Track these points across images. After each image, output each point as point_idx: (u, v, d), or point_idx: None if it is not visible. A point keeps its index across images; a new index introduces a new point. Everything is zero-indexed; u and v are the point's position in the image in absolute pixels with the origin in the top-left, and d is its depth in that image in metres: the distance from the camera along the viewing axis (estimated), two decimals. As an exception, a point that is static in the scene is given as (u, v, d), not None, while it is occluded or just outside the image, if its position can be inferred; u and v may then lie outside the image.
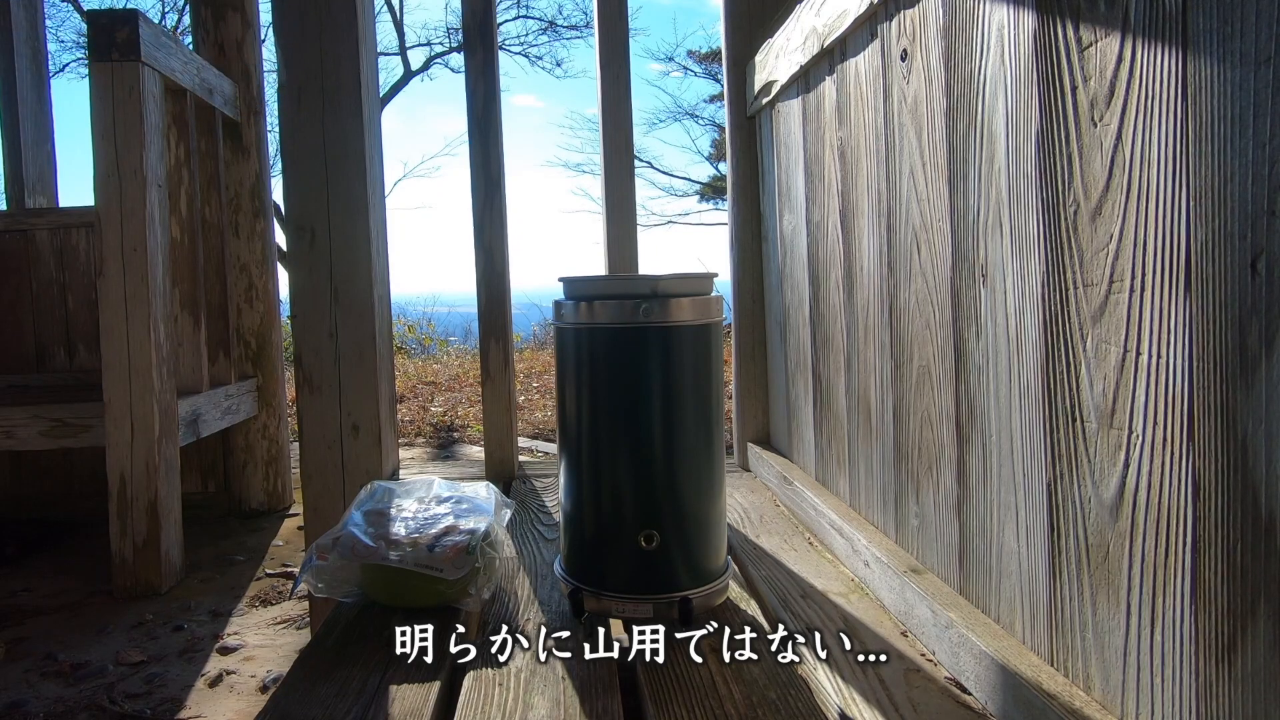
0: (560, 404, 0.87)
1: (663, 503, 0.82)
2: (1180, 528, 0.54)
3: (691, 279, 0.83)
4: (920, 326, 0.91)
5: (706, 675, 0.74)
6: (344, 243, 1.43)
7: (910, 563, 0.92)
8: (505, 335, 1.63)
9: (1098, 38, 0.60)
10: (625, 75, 1.67)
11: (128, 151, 1.96)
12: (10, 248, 2.56)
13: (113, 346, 1.97)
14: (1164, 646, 0.56)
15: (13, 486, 2.56)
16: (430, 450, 3.10)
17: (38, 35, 2.85)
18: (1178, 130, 0.53)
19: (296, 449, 1.83)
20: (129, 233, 1.97)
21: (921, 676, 0.77)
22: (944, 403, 0.86)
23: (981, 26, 0.75)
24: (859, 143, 1.06)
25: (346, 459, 1.46)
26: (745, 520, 1.27)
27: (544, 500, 1.40)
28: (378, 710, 0.70)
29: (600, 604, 0.83)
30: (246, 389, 2.55)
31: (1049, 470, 0.68)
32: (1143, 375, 0.57)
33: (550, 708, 0.70)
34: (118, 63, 1.94)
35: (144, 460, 1.97)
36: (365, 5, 1.47)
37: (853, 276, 1.11)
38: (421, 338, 6.77)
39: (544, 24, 12.68)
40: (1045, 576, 0.69)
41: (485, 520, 0.94)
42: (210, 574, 2.08)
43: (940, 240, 0.85)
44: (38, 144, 2.81)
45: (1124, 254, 0.58)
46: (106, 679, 1.53)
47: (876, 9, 0.97)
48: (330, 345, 1.44)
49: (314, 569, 0.90)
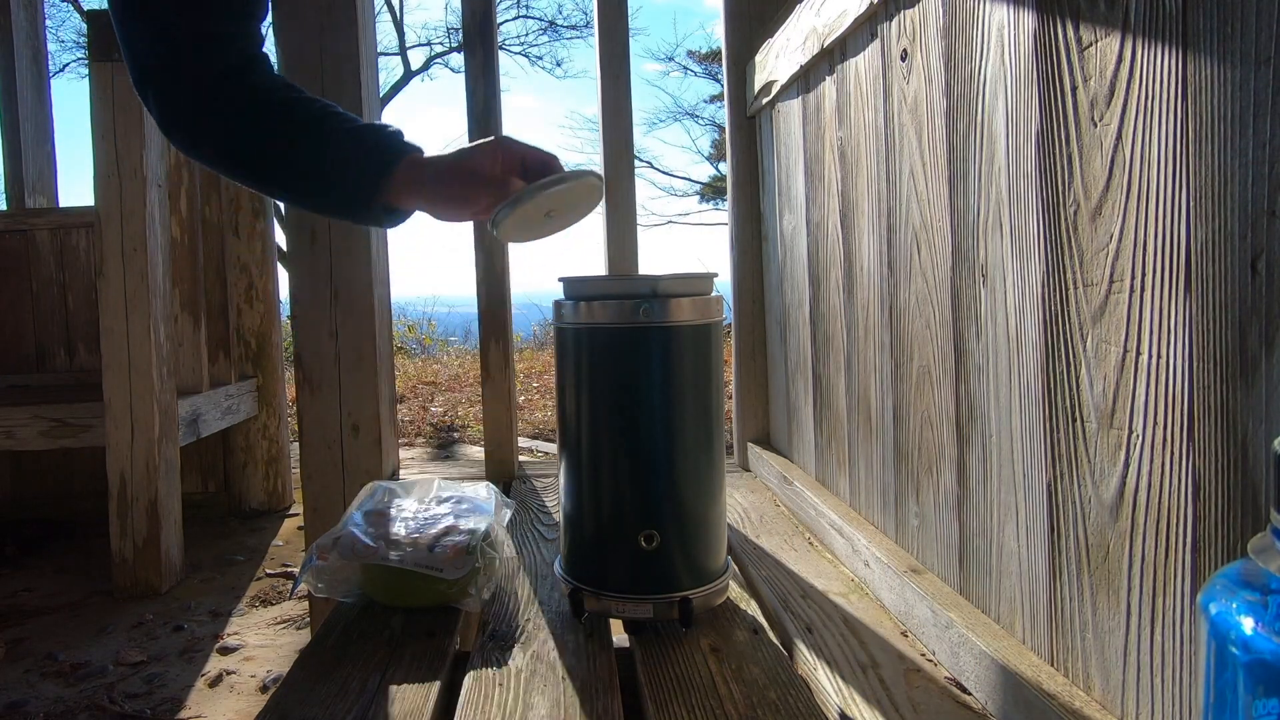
0: (560, 404, 0.87)
1: (663, 503, 0.82)
2: (1180, 528, 0.54)
3: (691, 279, 0.83)
4: (920, 326, 0.91)
5: (706, 675, 0.74)
6: (344, 243, 1.43)
7: (910, 563, 0.92)
8: (505, 335, 1.63)
9: (1098, 38, 0.60)
10: (625, 75, 1.67)
11: (128, 151, 1.96)
12: (10, 248, 2.56)
13: (113, 346, 1.97)
14: (1164, 646, 0.56)
15: (13, 486, 2.56)
16: (430, 450, 3.10)
17: (38, 35, 2.85)
18: (1178, 130, 0.53)
19: (296, 449, 1.83)
20: (129, 233, 1.97)
21: (921, 676, 0.77)
22: (944, 403, 0.86)
23: (981, 26, 0.75)
24: (859, 143, 1.06)
25: (346, 459, 1.46)
26: (745, 520, 1.27)
27: (544, 500, 1.40)
28: (378, 710, 0.70)
29: (600, 604, 0.83)
30: (246, 389, 2.55)
31: (1049, 470, 0.68)
32: (1143, 375, 0.57)
33: (550, 708, 0.70)
34: (118, 63, 1.94)
35: (144, 460, 1.97)
36: (365, 5, 1.47)
37: (853, 276, 1.11)
38: (421, 338, 6.77)
39: (544, 24, 12.70)
40: (1045, 576, 0.69)
41: (485, 520, 0.94)
42: (210, 574, 2.08)
43: (940, 240, 0.85)
44: (38, 144, 2.81)
45: (1124, 254, 0.58)
46: (106, 679, 1.53)
47: (876, 9, 0.97)
48: (330, 345, 1.44)
49: (314, 569, 0.90)
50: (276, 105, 0.79)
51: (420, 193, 0.79)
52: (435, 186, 0.79)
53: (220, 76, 0.77)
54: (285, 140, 0.78)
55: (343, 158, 0.77)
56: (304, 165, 0.79)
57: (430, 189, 0.79)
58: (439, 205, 0.80)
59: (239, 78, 0.78)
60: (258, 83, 0.79)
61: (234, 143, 0.79)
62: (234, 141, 0.79)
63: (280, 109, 0.79)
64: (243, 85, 0.78)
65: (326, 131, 0.78)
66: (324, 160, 0.78)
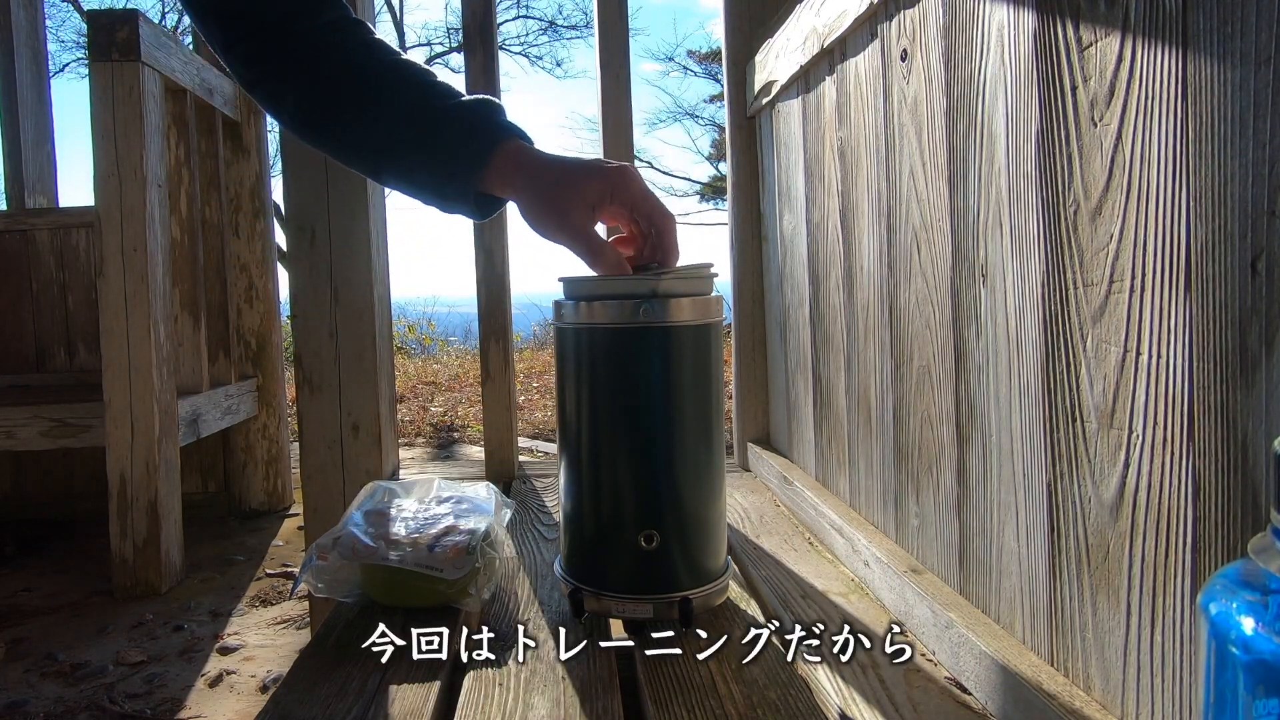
0: (560, 404, 0.87)
1: (663, 503, 0.82)
2: (1180, 528, 0.54)
3: (692, 279, 0.83)
4: (920, 326, 0.91)
5: (706, 675, 0.74)
6: (344, 243, 1.43)
7: (910, 562, 0.92)
8: (505, 335, 1.63)
9: (1098, 38, 0.60)
10: (625, 75, 1.67)
11: (128, 151, 1.96)
12: (10, 248, 2.56)
13: (113, 346, 1.97)
14: (1164, 646, 0.56)
15: (13, 486, 2.57)
16: (430, 450, 3.10)
17: (38, 35, 2.85)
18: (1178, 130, 0.53)
19: (296, 449, 1.83)
20: (129, 233, 1.97)
21: (922, 676, 0.77)
22: (944, 402, 0.86)
23: (981, 26, 0.75)
24: (859, 143, 1.06)
25: (346, 459, 1.46)
26: (745, 520, 1.27)
27: (544, 500, 1.40)
28: (378, 710, 0.70)
29: (600, 604, 0.83)
30: (246, 389, 2.55)
31: (1049, 470, 0.68)
32: (1143, 375, 0.57)
33: (550, 707, 0.70)
34: (118, 63, 1.94)
35: (144, 460, 1.97)
36: (365, 5, 1.47)
37: (853, 276, 1.11)
38: (421, 338, 6.77)
39: (544, 24, 12.70)
40: (1045, 576, 0.69)
41: (485, 520, 0.94)
42: (210, 574, 2.08)
43: (940, 240, 0.85)
44: (38, 144, 2.81)
45: (1124, 254, 0.58)
46: (106, 679, 1.53)
47: (876, 9, 0.97)
48: (330, 345, 1.44)
49: (314, 569, 0.90)
50: (361, 65, 0.72)
51: (511, 192, 0.73)
52: (526, 194, 0.72)
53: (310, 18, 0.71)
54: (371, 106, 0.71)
55: (439, 143, 0.71)
56: (380, 141, 0.73)
57: (521, 195, 0.72)
58: (527, 213, 0.74)
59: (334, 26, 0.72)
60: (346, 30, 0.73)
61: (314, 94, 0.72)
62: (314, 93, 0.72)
63: (368, 70, 0.72)
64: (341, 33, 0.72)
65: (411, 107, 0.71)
66: (407, 141, 0.71)
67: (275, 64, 0.73)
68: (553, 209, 0.71)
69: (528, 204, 0.73)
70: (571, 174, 0.72)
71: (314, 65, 0.72)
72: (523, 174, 0.72)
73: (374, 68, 0.73)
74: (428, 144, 0.72)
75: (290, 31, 0.72)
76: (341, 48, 0.73)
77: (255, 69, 0.74)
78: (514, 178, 0.72)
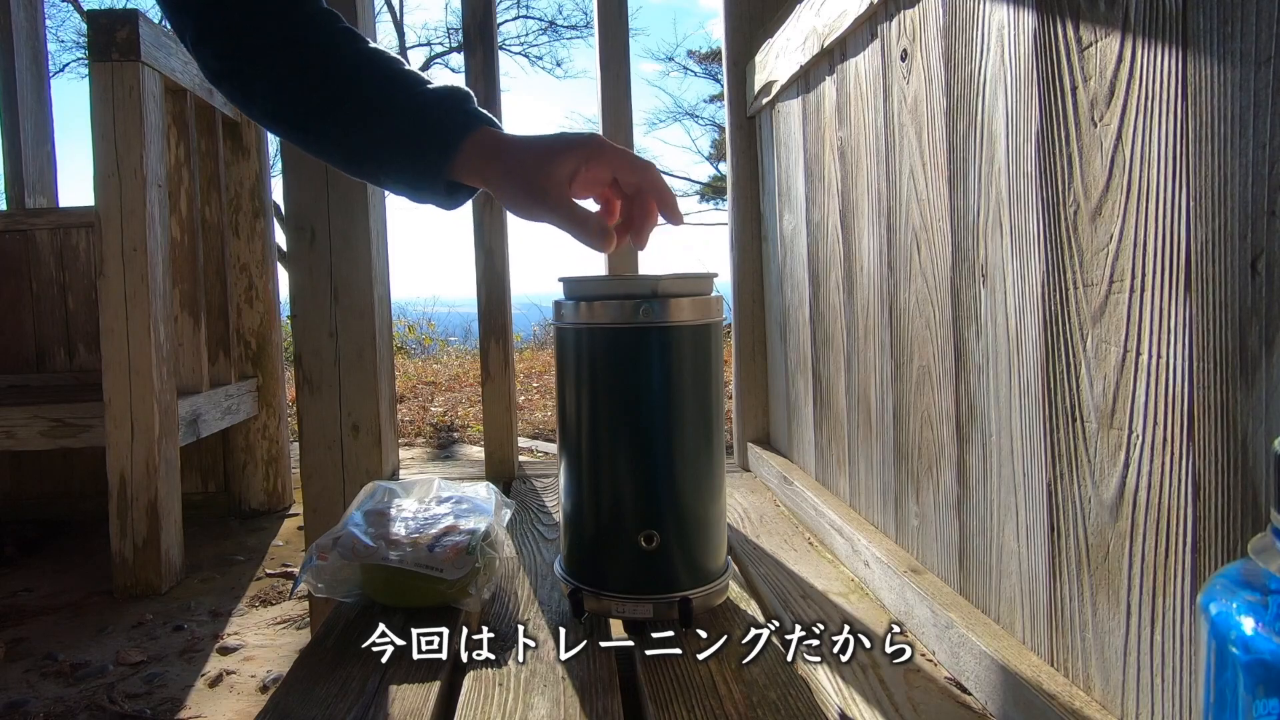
0: (560, 404, 0.87)
1: (663, 503, 0.82)
2: (1180, 528, 0.54)
3: (692, 279, 0.83)
4: (920, 326, 0.91)
5: (706, 675, 0.74)
6: (344, 243, 1.43)
7: (910, 563, 0.92)
8: (505, 335, 1.63)
9: (1098, 38, 0.60)
10: (625, 75, 1.67)
11: (128, 151, 1.96)
12: (10, 248, 2.56)
13: (113, 346, 1.97)
14: (1164, 646, 0.56)
15: (13, 486, 2.57)
16: (430, 450, 3.10)
17: (38, 35, 2.85)
18: (1178, 130, 0.53)
19: (296, 449, 1.83)
20: (129, 233, 1.97)
21: (921, 677, 0.77)
22: (944, 403, 0.86)
23: (981, 26, 0.75)
24: (859, 143, 1.06)
25: (346, 459, 1.46)
26: (745, 520, 1.27)
27: (544, 500, 1.40)
28: (378, 710, 0.70)
29: (600, 604, 0.83)
30: (246, 389, 2.55)
31: (1049, 470, 0.68)
32: (1143, 375, 0.57)
33: (550, 708, 0.70)
34: (118, 63, 1.94)
35: (144, 460, 1.97)
36: (365, 5, 1.47)
37: (853, 276, 1.11)
38: (421, 338, 6.77)
39: (544, 24, 12.70)
40: (1045, 576, 0.69)
41: (485, 520, 0.94)
42: (210, 574, 2.08)
43: (940, 240, 0.85)
44: (38, 144, 2.81)
45: (1124, 254, 0.58)
46: (106, 679, 1.53)
47: (876, 9, 0.97)
48: (330, 345, 1.44)
49: (314, 569, 0.90)
50: (334, 52, 0.72)
51: (483, 182, 0.73)
52: (501, 182, 0.72)
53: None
54: (351, 96, 0.71)
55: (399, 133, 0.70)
56: (357, 134, 0.72)
57: (496, 183, 0.72)
58: (504, 200, 0.73)
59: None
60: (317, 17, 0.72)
61: (282, 91, 0.72)
62: (282, 89, 0.72)
63: (342, 59, 0.72)
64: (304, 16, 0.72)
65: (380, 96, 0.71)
66: (374, 128, 0.71)
67: (246, 57, 0.73)
68: (530, 189, 0.71)
69: (504, 188, 0.72)
70: (543, 151, 0.72)
71: (285, 58, 0.72)
72: (494, 160, 0.72)
73: (344, 60, 0.73)
74: (396, 134, 0.72)
75: (262, 25, 0.72)
76: (312, 41, 0.73)
77: (227, 62, 0.74)
78: (485, 165, 0.72)
